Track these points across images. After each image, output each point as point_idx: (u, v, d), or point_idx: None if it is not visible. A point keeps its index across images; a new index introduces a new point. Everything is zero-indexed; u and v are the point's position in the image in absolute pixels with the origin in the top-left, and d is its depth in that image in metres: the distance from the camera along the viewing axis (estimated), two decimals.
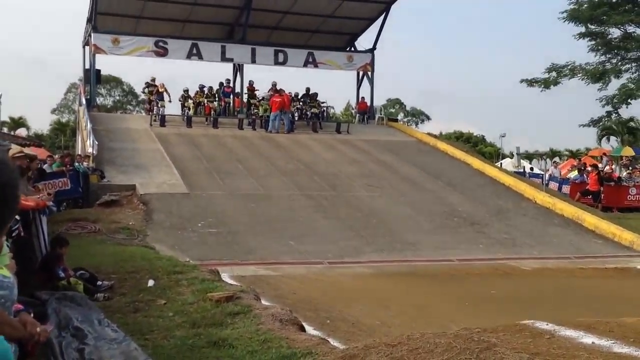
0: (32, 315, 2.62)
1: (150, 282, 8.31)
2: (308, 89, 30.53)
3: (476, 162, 23.46)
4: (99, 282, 8.23)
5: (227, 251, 12.49)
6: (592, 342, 5.34)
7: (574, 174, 25.68)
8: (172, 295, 7.69)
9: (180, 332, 6.26)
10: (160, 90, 28.07)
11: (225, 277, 9.65)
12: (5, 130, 45.09)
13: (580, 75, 37.91)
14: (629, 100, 37.22)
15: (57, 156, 19.34)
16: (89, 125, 22.58)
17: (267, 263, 11.77)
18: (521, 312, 8.81)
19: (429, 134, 30.59)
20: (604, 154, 34.75)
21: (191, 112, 27.92)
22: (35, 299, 6.55)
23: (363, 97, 33.59)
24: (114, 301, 7.59)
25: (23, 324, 2.43)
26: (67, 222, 13.63)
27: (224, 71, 33.57)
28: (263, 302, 7.86)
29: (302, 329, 6.72)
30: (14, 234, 6.68)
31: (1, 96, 46.59)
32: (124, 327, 6.26)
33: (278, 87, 28.40)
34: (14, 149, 10.00)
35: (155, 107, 27.64)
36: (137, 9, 30.16)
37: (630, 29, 36.65)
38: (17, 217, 6.95)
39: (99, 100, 29.35)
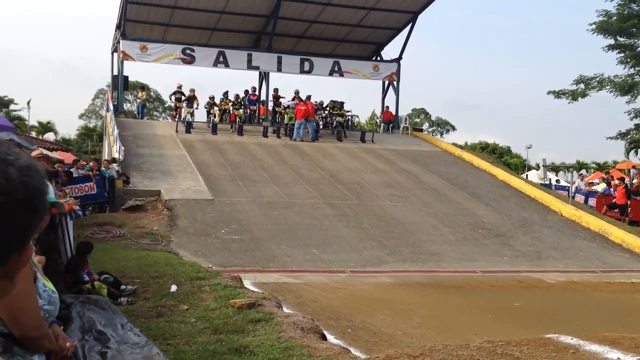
0: (61, 328, 2.69)
1: (173, 288, 8.35)
2: (332, 101, 30.57)
3: (501, 174, 23.30)
4: (123, 287, 8.29)
5: (249, 258, 12.52)
6: (618, 358, 5.26)
7: (602, 186, 25.36)
8: (195, 301, 7.72)
9: (202, 338, 6.28)
10: (190, 94, 28.42)
11: (247, 284, 9.67)
12: (33, 134, 45.73)
13: (609, 87, 37.54)
14: None
15: (92, 162, 19.55)
16: (116, 131, 22.84)
17: (289, 271, 11.78)
18: (545, 325, 8.72)
19: (454, 144, 30.47)
20: (634, 166, 34.31)
21: (217, 119, 28.12)
22: (60, 302, 6.60)
23: (388, 107, 33.57)
24: (137, 306, 7.64)
25: (55, 337, 2.48)
26: (93, 226, 13.78)
27: (250, 79, 33.80)
28: (285, 309, 7.86)
29: (324, 338, 6.70)
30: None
31: (30, 101, 47.41)
32: (147, 332, 6.29)
33: (304, 95, 28.48)
34: (35, 151, 10.15)
35: (183, 112, 27.92)
36: (166, 16, 30.50)
37: None
38: None
39: (126, 106, 29.65)
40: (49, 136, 51.80)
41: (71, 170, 17.32)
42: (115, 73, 30.59)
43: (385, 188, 19.86)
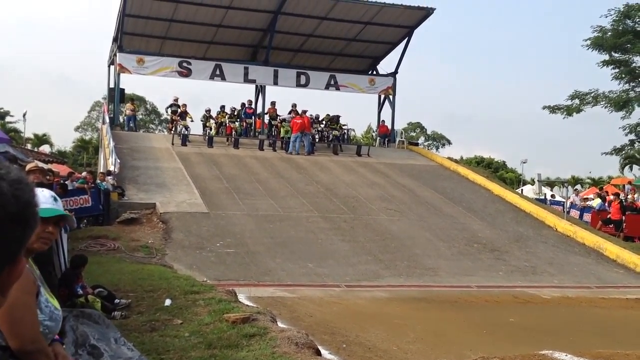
0: (64, 347, 2.67)
1: (167, 302, 8.32)
2: (328, 115, 30.55)
3: (497, 188, 23.34)
4: (117, 300, 8.26)
5: (244, 272, 12.49)
6: None
7: (596, 202, 25.44)
8: (189, 315, 7.69)
9: (196, 353, 6.25)
10: (182, 109, 28.41)
11: (242, 298, 9.64)
12: (29, 146, 45.69)
13: (604, 103, 37.73)
14: None
15: (85, 173, 19.51)
16: (111, 144, 22.82)
17: (284, 285, 11.75)
18: (540, 341, 8.71)
19: (449, 158, 30.54)
20: (629, 182, 34.40)
21: (213, 132, 28.12)
22: None
23: (384, 120, 33.66)
24: (131, 320, 7.60)
25: (55, 355, 2.47)
26: (87, 239, 13.74)
27: (247, 92, 33.92)
28: (279, 324, 7.83)
29: (318, 353, 6.68)
30: None
31: (26, 113, 47.44)
32: (140, 346, 6.26)
33: (301, 109, 28.57)
34: (30, 164, 10.15)
35: (178, 126, 27.86)
36: (163, 29, 30.58)
37: None
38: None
39: (122, 118, 29.61)
40: (45, 148, 51.78)
41: (66, 182, 17.28)
42: (112, 85, 30.59)
43: (380, 202, 19.87)
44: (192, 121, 28.41)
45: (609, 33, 36.00)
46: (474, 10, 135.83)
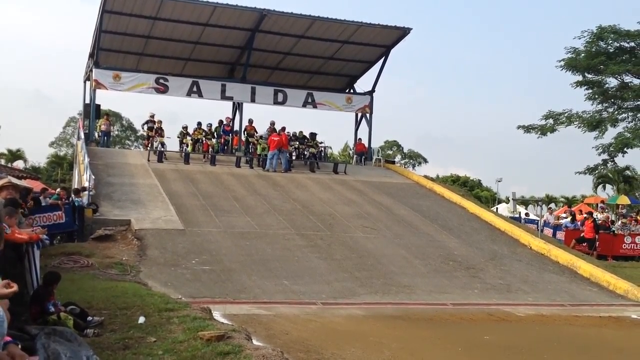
0: (19, 347, 2.63)
1: (141, 319, 8.22)
2: (301, 132, 30.54)
3: (472, 207, 23.50)
4: (89, 318, 8.14)
5: (220, 289, 12.40)
6: None
7: (566, 220, 25.76)
8: (163, 333, 7.61)
9: None
10: (157, 125, 28.29)
11: (217, 315, 9.56)
12: (2, 162, 45.15)
13: (577, 123, 38.25)
14: (625, 149, 37.51)
15: (59, 189, 19.27)
16: (86, 160, 22.62)
17: (260, 302, 11.69)
18: (514, 359, 8.75)
19: (425, 176, 30.70)
20: (602, 201, 34.85)
21: (189, 148, 28.01)
22: (24, 333, 6.47)
23: (361, 139, 33.82)
24: (103, 337, 7.50)
25: (11, 357, 2.43)
26: (61, 256, 13.56)
27: (225, 109, 33.90)
28: (254, 342, 7.77)
29: None
30: None
31: (0, 128, 46.90)
32: None
33: (278, 126, 28.57)
34: (2, 180, 10.01)
35: (155, 142, 27.69)
36: (140, 46, 30.52)
37: (627, 78, 37.13)
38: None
39: (97, 134, 29.38)
40: (18, 164, 51.23)
41: (39, 198, 17.08)
42: (88, 101, 30.37)
43: (357, 219, 19.90)
44: (168, 138, 28.22)
45: (582, 54, 36.61)
46: (449, 31, 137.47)
